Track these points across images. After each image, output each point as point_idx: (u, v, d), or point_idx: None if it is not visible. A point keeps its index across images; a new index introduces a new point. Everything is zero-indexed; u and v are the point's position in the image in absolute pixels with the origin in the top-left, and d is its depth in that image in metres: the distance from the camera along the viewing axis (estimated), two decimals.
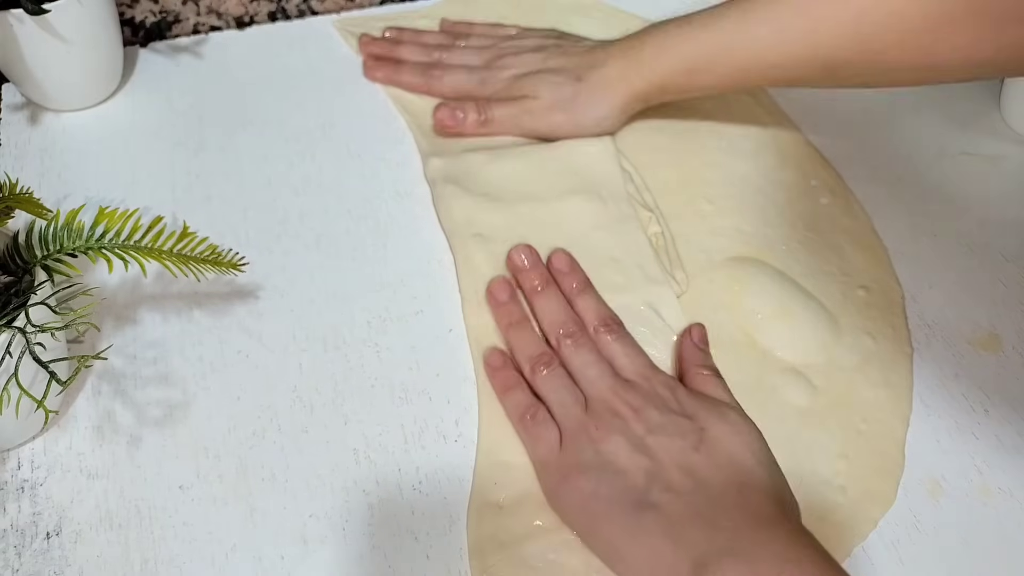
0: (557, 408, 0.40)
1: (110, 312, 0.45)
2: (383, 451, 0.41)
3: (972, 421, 0.42)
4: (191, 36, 0.61)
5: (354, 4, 0.64)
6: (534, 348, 0.43)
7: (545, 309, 0.44)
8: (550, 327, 0.43)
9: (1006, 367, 0.44)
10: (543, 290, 0.45)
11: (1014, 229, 0.50)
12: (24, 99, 0.55)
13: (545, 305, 0.44)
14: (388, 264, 0.48)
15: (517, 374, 0.42)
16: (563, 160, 0.51)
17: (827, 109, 0.57)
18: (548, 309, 0.44)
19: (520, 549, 0.37)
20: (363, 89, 0.58)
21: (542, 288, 0.45)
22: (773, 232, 0.50)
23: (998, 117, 0.57)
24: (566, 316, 0.43)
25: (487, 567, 0.37)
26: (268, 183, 0.52)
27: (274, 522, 0.38)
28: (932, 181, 0.53)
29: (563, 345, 0.42)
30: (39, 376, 0.36)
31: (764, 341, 0.45)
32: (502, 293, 0.45)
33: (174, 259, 0.39)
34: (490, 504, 0.39)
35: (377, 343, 0.45)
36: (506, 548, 0.37)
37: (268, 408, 0.42)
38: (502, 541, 0.37)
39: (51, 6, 0.47)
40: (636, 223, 0.48)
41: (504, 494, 0.39)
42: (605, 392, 0.40)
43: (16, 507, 0.38)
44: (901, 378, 0.44)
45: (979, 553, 0.38)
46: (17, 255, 0.38)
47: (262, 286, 0.47)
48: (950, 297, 0.47)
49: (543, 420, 0.40)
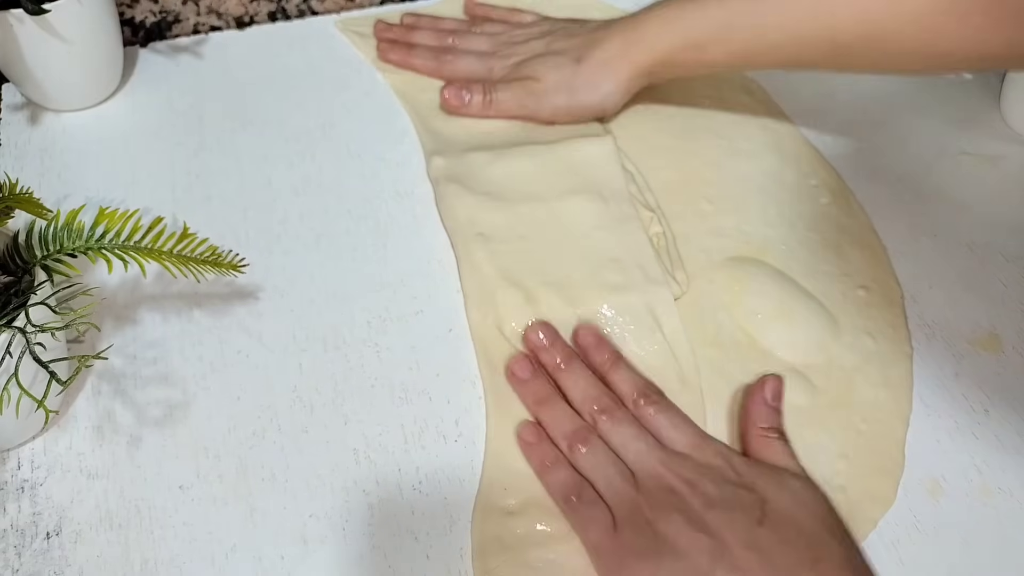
0: (604, 487, 0.37)
1: (110, 312, 0.45)
2: (383, 451, 0.41)
3: (972, 421, 0.42)
4: (191, 36, 0.61)
5: (354, 4, 0.64)
6: (569, 424, 0.39)
7: (574, 385, 0.41)
8: (582, 403, 0.40)
9: (1006, 367, 0.44)
10: (568, 366, 0.42)
11: (1014, 229, 0.50)
12: (24, 99, 0.55)
13: (574, 381, 0.41)
14: (388, 264, 0.48)
15: (555, 449, 0.39)
16: (566, 160, 0.51)
17: (827, 109, 0.57)
18: (578, 385, 0.41)
19: (524, 553, 0.37)
20: (363, 89, 0.58)
21: (566, 364, 0.42)
22: (773, 232, 0.50)
23: (998, 117, 0.57)
24: (599, 390, 0.40)
25: (490, 569, 0.37)
26: (268, 183, 0.52)
27: (274, 522, 0.38)
28: (932, 181, 0.53)
29: (600, 421, 0.39)
30: (39, 376, 0.36)
31: (764, 341, 0.45)
32: (524, 371, 0.42)
33: (174, 260, 0.39)
34: (497, 508, 0.39)
35: (377, 343, 0.45)
36: (510, 551, 0.37)
37: (268, 408, 0.42)
38: (507, 544, 0.37)
39: (51, 6, 0.47)
40: (637, 223, 0.48)
41: (513, 500, 0.39)
42: (655, 466, 0.37)
43: (16, 507, 0.38)
44: (901, 378, 0.44)
45: (979, 553, 0.38)
46: (17, 255, 0.38)
47: (262, 286, 0.47)
48: (950, 297, 0.47)
49: (591, 501, 0.37)
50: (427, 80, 0.58)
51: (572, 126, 0.54)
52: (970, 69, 0.46)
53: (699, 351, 0.44)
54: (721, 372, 0.44)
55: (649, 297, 0.45)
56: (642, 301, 0.45)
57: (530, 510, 0.39)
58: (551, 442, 0.40)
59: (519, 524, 0.38)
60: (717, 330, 0.45)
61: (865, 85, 0.59)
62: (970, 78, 0.58)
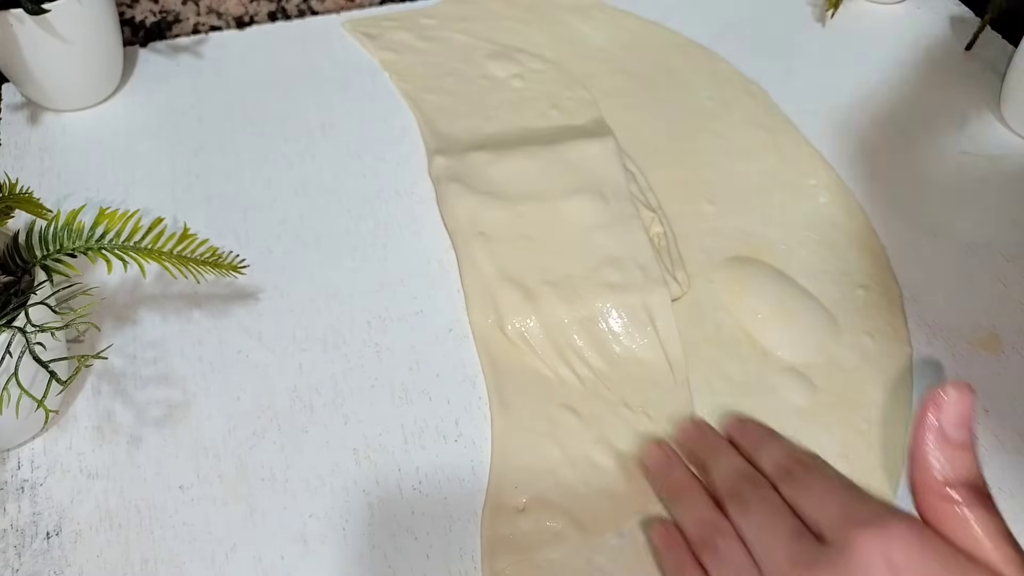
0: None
1: (110, 312, 0.45)
2: (383, 451, 0.41)
3: None
4: (191, 36, 0.61)
5: (354, 4, 0.64)
6: (707, 514, 0.34)
7: (716, 466, 0.35)
8: (721, 484, 0.34)
9: (1006, 367, 0.44)
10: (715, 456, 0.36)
11: (1014, 229, 0.50)
12: (24, 99, 0.55)
13: (716, 468, 0.35)
14: (388, 264, 0.48)
15: (692, 557, 0.34)
16: (567, 160, 0.51)
17: (827, 109, 0.57)
18: (719, 472, 0.35)
19: (533, 553, 0.37)
20: (363, 89, 0.58)
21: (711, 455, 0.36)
22: (773, 232, 0.50)
23: (998, 117, 0.57)
24: (744, 469, 0.34)
25: (498, 571, 0.37)
26: (268, 183, 0.52)
27: (274, 522, 0.38)
28: (932, 181, 0.53)
29: (730, 503, 0.33)
30: (39, 376, 0.36)
31: (764, 341, 0.45)
32: (657, 463, 0.38)
33: (174, 260, 0.39)
34: (507, 506, 0.39)
35: (377, 343, 0.45)
36: (519, 551, 0.37)
37: (268, 408, 0.42)
38: (516, 544, 0.37)
39: (51, 6, 0.47)
40: (638, 223, 0.48)
41: (523, 497, 0.39)
42: (783, 564, 0.29)
43: (16, 507, 0.38)
44: (901, 378, 0.44)
45: None
46: (17, 255, 0.38)
47: (262, 286, 0.47)
48: (950, 297, 0.47)
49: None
50: (432, 81, 0.58)
51: (573, 126, 0.54)
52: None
53: (699, 351, 0.44)
54: (721, 372, 0.44)
55: (649, 297, 0.45)
56: (642, 301, 0.45)
57: (538, 507, 0.39)
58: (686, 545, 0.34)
59: (528, 521, 0.38)
60: (716, 330, 0.45)
61: (865, 85, 0.59)
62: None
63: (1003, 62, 0.59)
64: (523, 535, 0.38)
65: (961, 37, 0.63)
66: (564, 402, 0.42)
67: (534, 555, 0.37)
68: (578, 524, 0.38)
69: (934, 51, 0.62)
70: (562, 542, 0.38)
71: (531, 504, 0.39)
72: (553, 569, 0.37)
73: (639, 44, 0.62)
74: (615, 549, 0.38)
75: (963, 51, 0.62)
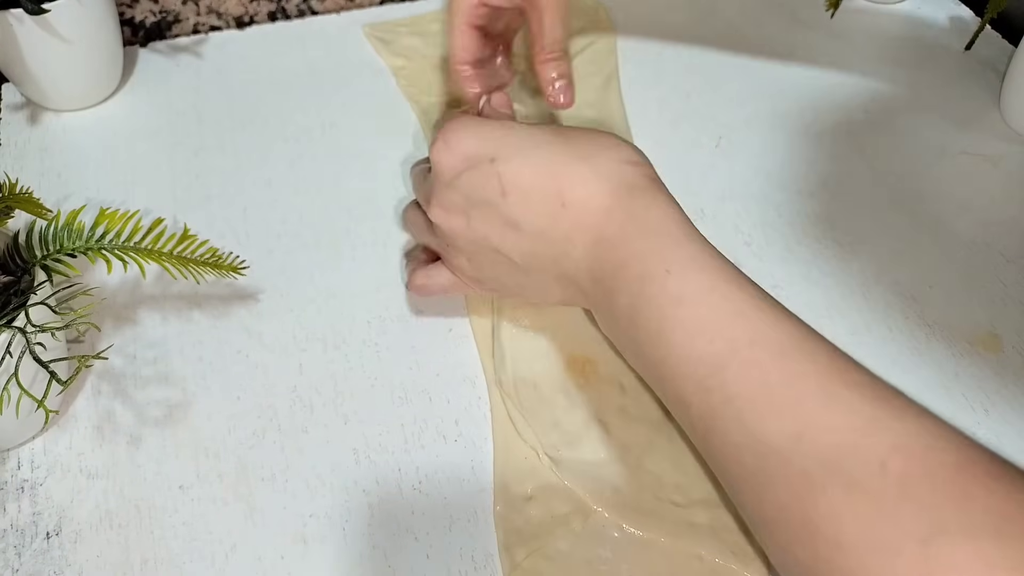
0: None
1: (110, 312, 0.45)
2: (383, 451, 0.41)
3: (972, 421, 0.42)
4: (191, 36, 0.61)
5: (354, 4, 0.64)
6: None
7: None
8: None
9: (1006, 367, 0.44)
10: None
11: (1014, 229, 0.50)
12: (24, 99, 0.55)
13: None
14: (388, 264, 0.48)
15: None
16: None
17: (827, 109, 0.57)
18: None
19: (544, 541, 0.37)
20: (363, 89, 0.58)
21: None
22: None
23: (998, 117, 0.57)
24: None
25: (518, 563, 0.37)
26: (268, 183, 0.52)
27: (274, 522, 0.38)
28: (932, 181, 0.53)
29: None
30: (39, 376, 0.36)
31: None
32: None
33: (174, 261, 0.39)
34: (516, 496, 0.39)
35: (377, 343, 0.45)
36: (532, 539, 0.37)
37: (268, 408, 0.42)
38: (528, 534, 0.38)
39: (51, 6, 0.47)
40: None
41: (529, 486, 0.39)
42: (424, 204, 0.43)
43: (16, 507, 0.38)
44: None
45: None
46: (17, 255, 0.38)
47: (262, 286, 0.47)
48: (950, 297, 0.47)
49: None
50: (438, 85, 0.58)
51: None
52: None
53: None
54: None
55: None
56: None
57: (545, 494, 0.39)
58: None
59: (536, 509, 0.38)
60: None
61: (865, 85, 0.59)
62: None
63: (1003, 62, 0.59)
64: (533, 523, 0.38)
65: (961, 37, 0.63)
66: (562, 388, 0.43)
67: (545, 544, 0.37)
68: (583, 509, 0.38)
69: (934, 51, 0.62)
70: (568, 527, 0.38)
71: (538, 490, 0.39)
72: (563, 559, 0.37)
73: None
74: (620, 541, 0.38)
75: (963, 51, 0.62)
